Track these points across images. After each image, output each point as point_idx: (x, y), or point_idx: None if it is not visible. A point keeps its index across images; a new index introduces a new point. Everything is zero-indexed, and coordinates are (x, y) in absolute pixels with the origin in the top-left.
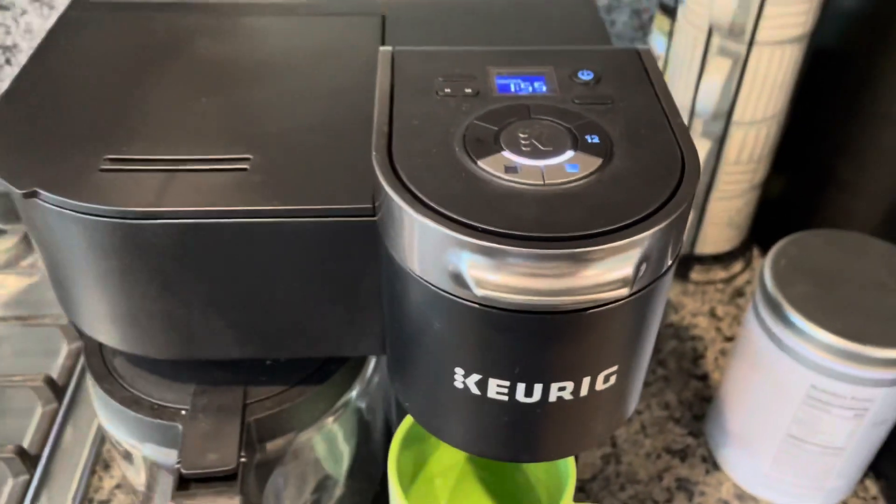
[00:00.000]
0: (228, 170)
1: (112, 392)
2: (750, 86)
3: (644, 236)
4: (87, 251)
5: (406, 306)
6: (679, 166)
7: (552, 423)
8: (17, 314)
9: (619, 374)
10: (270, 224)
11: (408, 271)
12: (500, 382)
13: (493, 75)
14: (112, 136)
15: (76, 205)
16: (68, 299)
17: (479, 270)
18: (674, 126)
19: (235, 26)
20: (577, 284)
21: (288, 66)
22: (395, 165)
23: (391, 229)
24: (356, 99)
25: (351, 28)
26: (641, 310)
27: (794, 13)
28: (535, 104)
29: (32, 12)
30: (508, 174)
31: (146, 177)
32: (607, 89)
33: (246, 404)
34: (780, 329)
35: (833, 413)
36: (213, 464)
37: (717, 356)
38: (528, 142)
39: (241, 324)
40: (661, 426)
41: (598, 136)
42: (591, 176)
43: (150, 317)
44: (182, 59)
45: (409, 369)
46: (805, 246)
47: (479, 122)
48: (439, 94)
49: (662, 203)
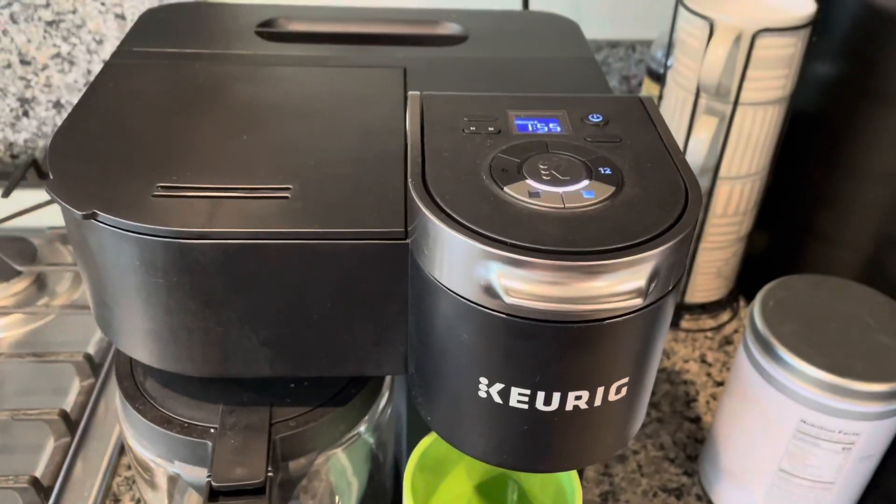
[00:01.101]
0: (271, 197)
1: (144, 412)
2: (735, 143)
3: (656, 252)
4: (137, 269)
5: (435, 320)
6: (683, 195)
7: (568, 432)
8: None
9: (629, 385)
10: (310, 246)
11: (440, 286)
12: (521, 391)
13: (513, 117)
14: (161, 167)
15: (132, 225)
16: (110, 318)
17: (508, 280)
18: (676, 161)
19: (270, 74)
20: (596, 293)
21: (320, 109)
22: (429, 191)
23: (425, 248)
24: (383, 138)
25: (376, 78)
26: (651, 323)
27: (774, 77)
28: (551, 141)
29: (53, 67)
30: (532, 199)
31: (196, 202)
32: (615, 130)
33: (272, 423)
34: (770, 365)
35: (822, 447)
36: (242, 477)
37: (708, 400)
38: (548, 172)
39: (274, 342)
40: (657, 466)
41: (610, 168)
42: (605, 201)
43: (190, 334)
44: (222, 101)
45: (434, 382)
46: (791, 289)
47: (502, 154)
48: (465, 132)
49: (670, 225)
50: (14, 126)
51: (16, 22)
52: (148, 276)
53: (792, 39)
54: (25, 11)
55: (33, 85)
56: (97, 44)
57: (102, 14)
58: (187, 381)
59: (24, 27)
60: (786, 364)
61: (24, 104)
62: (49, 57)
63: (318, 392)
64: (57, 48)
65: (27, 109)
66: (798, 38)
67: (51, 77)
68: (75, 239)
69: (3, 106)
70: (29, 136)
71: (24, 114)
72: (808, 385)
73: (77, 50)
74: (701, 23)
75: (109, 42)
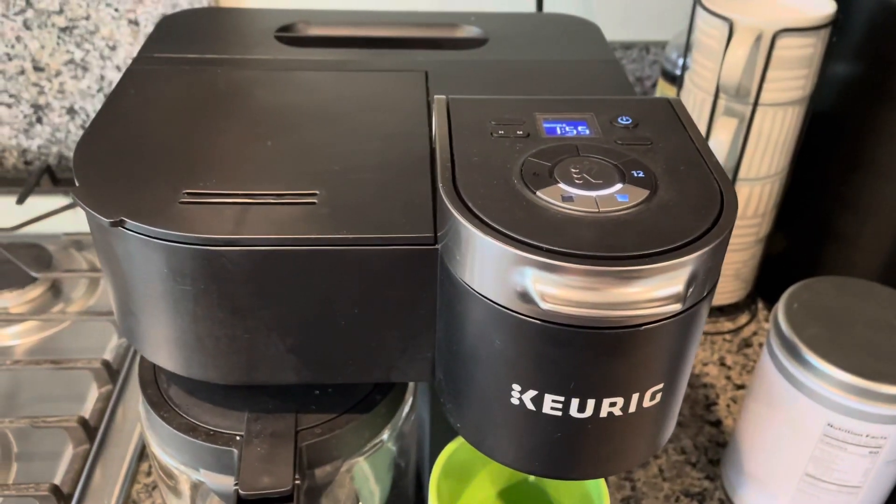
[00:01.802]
0: (298, 203)
1: (169, 419)
2: (755, 144)
3: (694, 257)
4: (164, 277)
5: (467, 326)
6: (718, 198)
7: (601, 439)
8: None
9: (663, 392)
10: (338, 252)
11: (473, 292)
12: (555, 398)
13: (541, 120)
14: (187, 173)
15: (161, 232)
16: (135, 327)
17: (544, 285)
18: (709, 164)
19: (291, 79)
20: (634, 299)
21: (343, 113)
22: (461, 196)
23: (457, 254)
24: (407, 142)
25: (398, 82)
26: (687, 329)
27: (794, 77)
28: (582, 144)
29: (66, 73)
30: (566, 203)
31: (223, 209)
32: (645, 132)
33: (298, 430)
34: (796, 369)
35: (849, 451)
36: (269, 485)
37: (728, 403)
38: (580, 175)
39: (301, 349)
40: (679, 470)
41: (643, 171)
42: (640, 205)
43: (216, 341)
44: (244, 106)
45: (464, 389)
46: (815, 291)
47: (533, 158)
48: (493, 136)
49: (707, 229)
50: (28, 132)
51: (29, 28)
52: (175, 283)
53: (812, 39)
54: (39, 18)
55: (46, 91)
56: (110, 50)
57: (116, 20)
58: (212, 388)
59: (38, 33)
60: (812, 367)
61: (37, 110)
62: (62, 63)
63: (342, 399)
64: (70, 54)
65: (40, 116)
66: (818, 39)
67: (64, 83)
68: (101, 246)
69: (16, 112)
70: (42, 142)
71: (38, 120)
72: (834, 388)
73: (90, 56)
74: (720, 23)
75: (122, 48)
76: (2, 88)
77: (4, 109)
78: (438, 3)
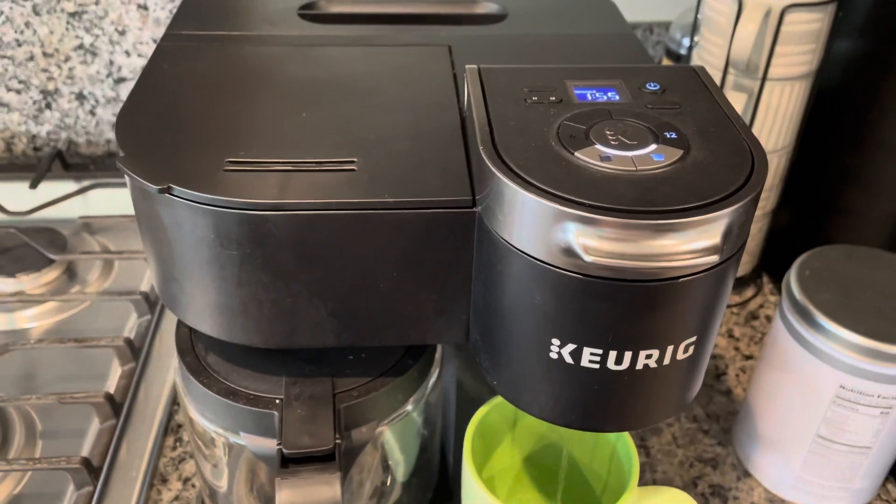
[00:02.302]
0: (339, 171)
1: (209, 385)
2: (763, 119)
3: (730, 210)
4: (210, 242)
5: (508, 285)
6: (749, 157)
7: (636, 391)
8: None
9: (695, 345)
10: (379, 216)
11: (515, 250)
12: (593, 350)
13: (571, 87)
14: (227, 143)
15: (207, 198)
16: (178, 293)
17: (587, 239)
18: (737, 126)
19: (318, 54)
20: (674, 251)
21: (372, 86)
22: (502, 157)
23: (499, 214)
24: (438, 113)
25: (423, 56)
26: (720, 283)
27: (802, 52)
28: (613, 108)
29: (75, 59)
30: (604, 162)
31: (267, 175)
32: (673, 97)
33: (335, 393)
34: (809, 333)
35: (861, 412)
36: (312, 444)
37: (737, 373)
38: (615, 137)
39: (341, 312)
40: (692, 437)
41: (676, 133)
42: (675, 163)
43: (260, 306)
44: (275, 80)
45: (502, 346)
46: (826, 258)
47: (568, 122)
48: (527, 102)
49: (741, 185)
50: (37, 118)
51: (38, 14)
52: (221, 248)
53: (819, 14)
54: (48, 3)
55: (56, 77)
56: (119, 35)
57: (125, 5)
58: (248, 354)
59: (47, 19)
60: (825, 331)
61: (46, 96)
62: (71, 48)
63: (376, 363)
64: (79, 39)
65: (49, 101)
66: (825, 14)
67: (73, 69)
68: (144, 215)
69: (25, 98)
70: (52, 128)
71: (47, 106)
72: (847, 350)
73: (99, 41)
74: (729, 0)
75: (131, 33)
76: (11, 74)
77: (14, 95)
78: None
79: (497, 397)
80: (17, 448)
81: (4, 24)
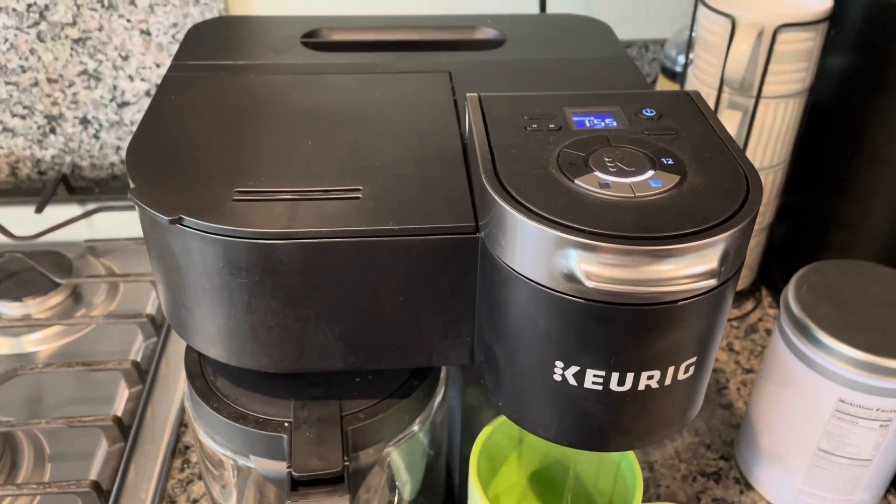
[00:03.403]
0: (344, 198)
1: (219, 409)
2: (758, 136)
3: (726, 235)
4: (220, 271)
5: (511, 308)
6: (744, 182)
7: (639, 411)
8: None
9: (696, 365)
10: (385, 242)
11: (518, 275)
12: (596, 372)
13: (570, 114)
14: (235, 173)
15: (217, 228)
16: (188, 320)
17: (589, 265)
18: (732, 151)
19: (322, 82)
20: (673, 276)
21: (375, 113)
22: (503, 184)
23: (502, 240)
24: (440, 139)
25: (423, 83)
26: (718, 304)
27: (795, 70)
28: (611, 135)
29: (79, 84)
30: (603, 189)
31: (274, 205)
32: (669, 123)
33: (343, 415)
34: (807, 347)
35: (861, 425)
36: (320, 467)
37: (738, 387)
38: (614, 164)
39: (349, 336)
40: (694, 451)
41: (672, 159)
42: (673, 189)
43: (269, 331)
44: (281, 109)
45: (507, 369)
46: (823, 273)
47: (568, 149)
48: (527, 129)
49: (736, 210)
50: (41, 143)
51: (43, 41)
52: (231, 276)
53: (811, 33)
54: (52, 30)
55: (60, 102)
56: (123, 60)
57: (128, 30)
58: (257, 378)
59: (51, 45)
60: (823, 345)
61: (50, 121)
62: (75, 74)
63: (382, 385)
64: (83, 65)
65: (54, 126)
66: (817, 32)
67: (77, 94)
68: (154, 244)
69: (30, 123)
70: (56, 152)
71: (52, 130)
72: (845, 365)
73: (103, 66)
74: (722, 20)
75: (135, 58)
76: (16, 100)
77: (19, 121)
78: (442, 7)
79: (502, 416)
80: (26, 472)
81: (9, 51)
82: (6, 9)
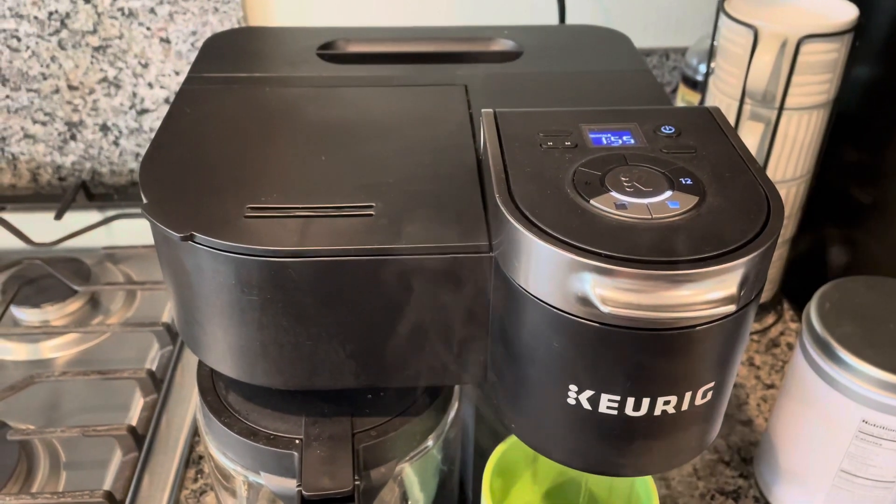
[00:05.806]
0: (357, 215)
1: (230, 425)
2: (780, 148)
3: (746, 260)
4: (231, 288)
5: (525, 330)
6: (765, 203)
7: (654, 436)
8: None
9: (714, 390)
10: (398, 261)
11: (531, 297)
12: (611, 397)
13: (586, 130)
14: (248, 188)
15: (230, 245)
16: (200, 335)
17: (604, 290)
18: (753, 170)
19: (337, 95)
20: (690, 301)
21: (390, 127)
22: (517, 205)
23: (515, 261)
24: (454, 154)
25: (439, 96)
26: (738, 329)
27: (818, 81)
28: (629, 153)
29: (99, 91)
30: (619, 210)
31: (287, 222)
32: (689, 140)
33: (354, 433)
34: (829, 367)
35: (884, 446)
36: (330, 486)
37: (759, 402)
38: (630, 184)
39: (360, 354)
40: (713, 469)
41: (691, 179)
42: (691, 211)
43: (280, 348)
44: (296, 122)
45: (520, 390)
46: (846, 290)
47: (583, 168)
48: (543, 147)
49: (757, 233)
50: (62, 149)
51: (64, 48)
52: (242, 293)
53: (836, 45)
54: (73, 38)
55: (80, 109)
56: (143, 67)
57: (147, 38)
58: (268, 394)
59: (72, 53)
60: (846, 365)
61: (71, 128)
62: (96, 81)
63: (394, 402)
64: (104, 73)
65: (74, 133)
66: (841, 43)
67: (97, 101)
68: (167, 260)
69: (51, 130)
70: (76, 158)
71: (72, 137)
72: (869, 385)
73: (123, 74)
74: (744, 30)
75: (154, 65)
76: (37, 107)
77: (40, 127)
78: (460, 18)
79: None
80: (41, 479)
81: (31, 58)
82: (28, 17)
